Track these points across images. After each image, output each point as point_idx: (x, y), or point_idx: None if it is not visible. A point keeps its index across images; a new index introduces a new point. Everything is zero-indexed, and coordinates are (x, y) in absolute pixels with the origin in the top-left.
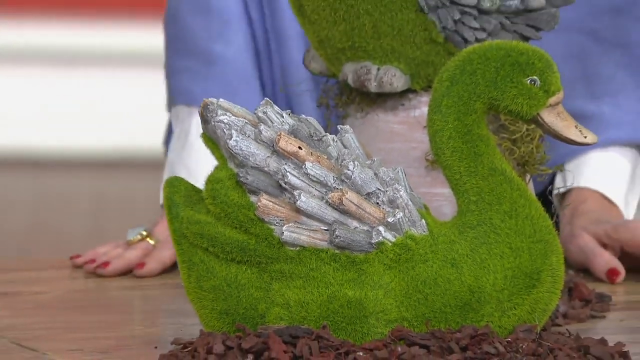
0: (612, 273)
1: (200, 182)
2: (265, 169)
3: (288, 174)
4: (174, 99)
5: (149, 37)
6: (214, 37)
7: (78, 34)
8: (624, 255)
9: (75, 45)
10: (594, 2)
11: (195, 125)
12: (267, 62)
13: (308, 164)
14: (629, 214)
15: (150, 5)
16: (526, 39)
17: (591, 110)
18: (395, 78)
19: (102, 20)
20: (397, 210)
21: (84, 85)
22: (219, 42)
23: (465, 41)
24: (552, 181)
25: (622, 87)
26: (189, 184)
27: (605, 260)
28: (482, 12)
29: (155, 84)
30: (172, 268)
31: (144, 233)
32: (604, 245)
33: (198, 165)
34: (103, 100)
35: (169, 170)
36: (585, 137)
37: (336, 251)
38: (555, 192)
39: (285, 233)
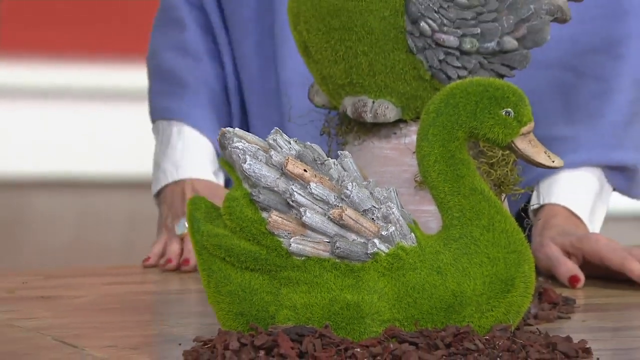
0: (573, 279)
1: (186, 173)
2: (275, 189)
3: (295, 193)
4: (154, 115)
5: None
6: (189, 69)
7: (109, 74)
8: (585, 264)
9: (106, 82)
10: (577, 43)
11: (175, 132)
12: (235, 97)
13: (312, 185)
14: (594, 227)
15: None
16: (501, 76)
17: (568, 134)
18: (388, 110)
19: (128, 62)
20: (390, 224)
21: (116, 119)
22: (194, 71)
23: (449, 78)
24: (528, 200)
25: (595, 114)
26: (209, 202)
27: (568, 268)
28: (464, 53)
29: None
30: (194, 274)
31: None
32: (569, 255)
33: (182, 159)
34: (134, 131)
35: (156, 170)
36: (553, 161)
37: (337, 260)
38: (531, 208)
39: (292, 245)
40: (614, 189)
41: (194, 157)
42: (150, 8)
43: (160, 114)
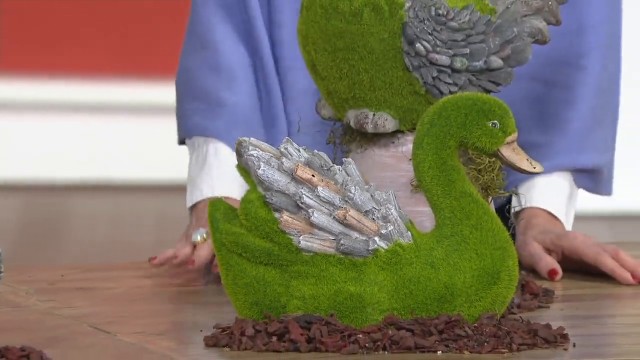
0: (552, 272)
1: (220, 192)
2: (286, 192)
3: (304, 196)
4: (189, 132)
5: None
6: (222, 88)
7: (136, 90)
8: (564, 259)
9: (135, 98)
10: (545, 56)
11: (212, 150)
12: (266, 106)
13: (319, 188)
14: (568, 225)
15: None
16: (488, 91)
17: (541, 141)
18: (387, 122)
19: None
20: (389, 224)
21: (147, 130)
22: (227, 91)
23: (442, 93)
24: (509, 201)
25: (563, 122)
26: (227, 204)
27: (547, 262)
28: (454, 70)
29: None
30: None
31: (205, 236)
32: (549, 251)
33: (218, 181)
34: (163, 141)
35: (192, 185)
36: (535, 167)
37: (341, 256)
38: (512, 210)
39: (301, 242)
40: (583, 189)
41: (228, 177)
42: (148, 28)
43: (197, 131)
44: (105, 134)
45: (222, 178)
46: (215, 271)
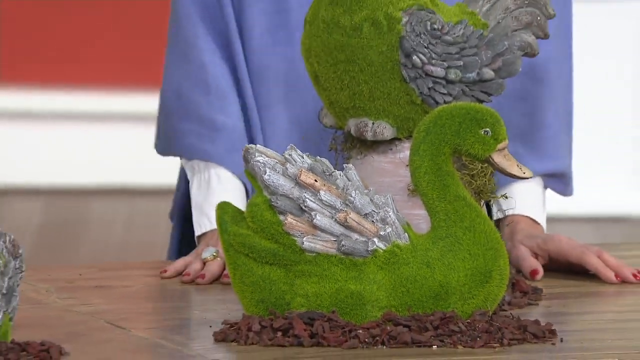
0: (533, 273)
1: None
2: (290, 196)
3: (307, 199)
4: (186, 153)
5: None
6: (215, 109)
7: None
8: (551, 261)
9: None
10: None
11: (215, 177)
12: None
13: (322, 192)
14: (545, 226)
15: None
16: (480, 101)
17: (511, 151)
18: (385, 130)
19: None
20: (387, 226)
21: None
22: (220, 114)
23: (437, 103)
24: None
25: (529, 131)
26: (235, 207)
27: (529, 263)
28: (449, 82)
29: None
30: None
31: (215, 253)
32: (536, 254)
33: None
34: None
35: (199, 212)
36: (524, 172)
37: (342, 256)
38: (495, 217)
39: (305, 243)
40: (553, 191)
41: (234, 204)
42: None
43: (197, 154)
44: (119, 142)
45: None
46: (226, 282)
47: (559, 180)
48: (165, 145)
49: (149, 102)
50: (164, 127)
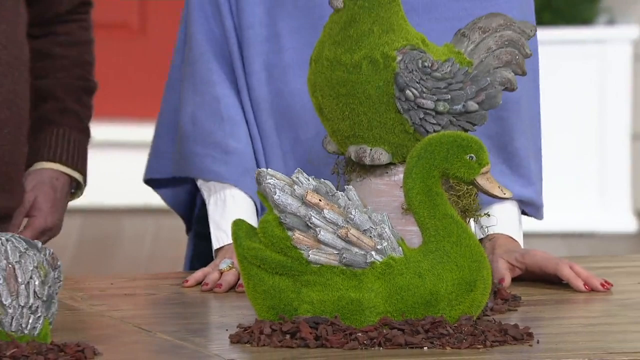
0: (500, 281)
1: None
2: (298, 214)
3: (312, 217)
4: (202, 174)
5: None
6: (227, 136)
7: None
8: (528, 272)
9: None
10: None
11: (230, 197)
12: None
13: (325, 211)
14: (522, 243)
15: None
16: (466, 130)
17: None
18: (381, 155)
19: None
20: (383, 240)
21: None
22: (232, 138)
23: (427, 132)
24: None
25: (509, 160)
26: (248, 224)
27: (498, 273)
28: (438, 113)
29: None
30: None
31: (231, 265)
32: (514, 267)
33: None
34: None
35: (217, 228)
36: (505, 193)
37: (344, 267)
38: (479, 236)
39: (310, 256)
40: (526, 214)
41: (247, 221)
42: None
43: (212, 175)
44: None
45: None
46: (240, 291)
47: (529, 206)
48: (180, 167)
49: None
50: (180, 151)
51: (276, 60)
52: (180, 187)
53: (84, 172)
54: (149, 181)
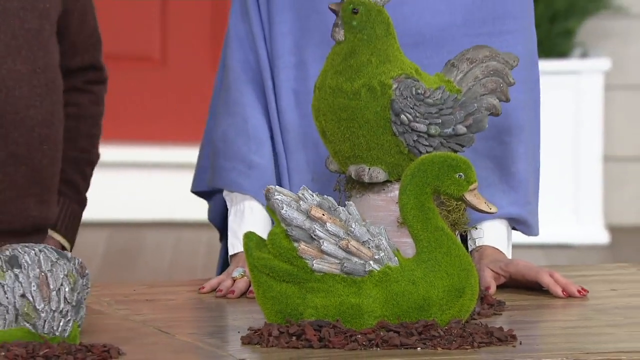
0: (486, 288)
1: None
2: (303, 227)
3: (316, 230)
4: (227, 186)
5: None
6: (253, 152)
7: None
8: (511, 280)
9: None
10: (487, 132)
11: (248, 209)
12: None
13: (328, 224)
14: (508, 254)
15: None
16: (455, 151)
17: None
18: (379, 174)
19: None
20: (381, 251)
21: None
22: (256, 155)
23: (420, 152)
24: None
25: (494, 182)
26: (258, 236)
27: (485, 281)
28: (430, 136)
29: None
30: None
31: (243, 273)
32: (499, 275)
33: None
34: None
35: (234, 236)
36: (490, 208)
37: (345, 275)
38: (469, 248)
39: (315, 265)
40: (518, 231)
41: (259, 229)
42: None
43: (235, 187)
44: (167, 185)
45: (258, 232)
46: (251, 296)
47: (521, 224)
48: (211, 179)
49: (188, 154)
50: (213, 165)
51: (302, 87)
52: (217, 198)
53: (72, 242)
54: (197, 192)
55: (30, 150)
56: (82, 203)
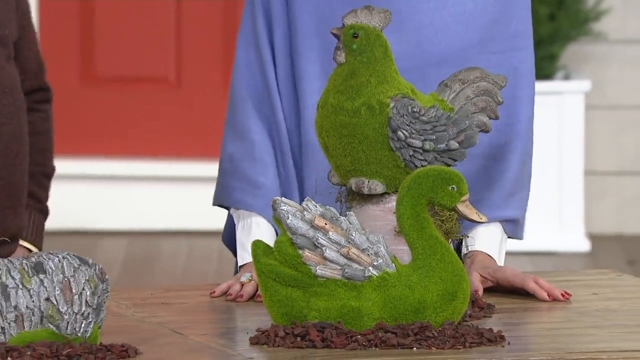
0: (475, 292)
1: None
2: (307, 235)
3: (319, 238)
4: (234, 204)
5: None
6: (259, 173)
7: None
8: (499, 285)
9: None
10: (490, 140)
11: (255, 224)
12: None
13: (330, 233)
14: (500, 261)
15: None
16: (448, 165)
17: (486, 197)
18: (377, 186)
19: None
20: (379, 258)
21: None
22: (262, 176)
23: (416, 166)
24: (459, 245)
25: (498, 187)
26: (265, 244)
27: (473, 285)
28: (425, 151)
29: None
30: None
31: (250, 278)
32: (486, 279)
33: None
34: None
35: (242, 248)
36: (481, 218)
37: (346, 280)
38: (463, 253)
39: (318, 271)
40: (508, 237)
41: (267, 242)
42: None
43: (242, 205)
44: (181, 196)
45: None
46: (259, 300)
47: (510, 225)
48: (220, 197)
49: (201, 169)
50: (221, 184)
51: None
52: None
53: (40, 248)
54: (219, 205)
55: (6, 165)
56: (45, 211)
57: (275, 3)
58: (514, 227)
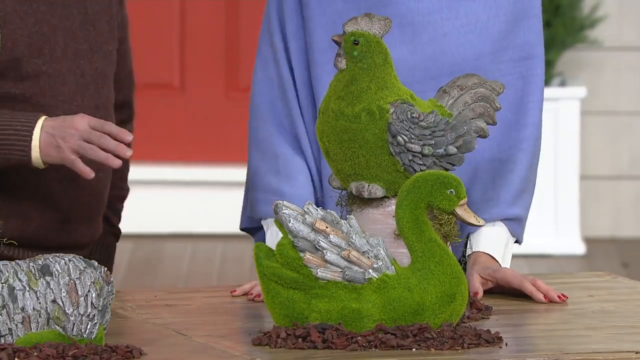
0: (474, 294)
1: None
2: (308, 238)
3: (320, 241)
4: (262, 215)
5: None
6: (283, 183)
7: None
8: (498, 286)
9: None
10: (498, 143)
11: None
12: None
13: (331, 236)
14: (505, 263)
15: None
16: (447, 170)
17: (492, 197)
18: (377, 190)
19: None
20: (379, 260)
21: (217, 201)
22: (287, 185)
23: (415, 171)
24: (465, 247)
25: (505, 187)
26: (268, 247)
27: (474, 287)
28: (424, 155)
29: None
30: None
31: None
32: (487, 281)
33: None
34: (227, 206)
35: None
36: (479, 222)
37: (346, 283)
38: (466, 254)
39: (319, 273)
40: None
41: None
42: (228, 121)
43: (269, 215)
44: (185, 200)
45: None
46: (257, 300)
47: (514, 224)
48: (250, 210)
49: (205, 173)
50: (250, 198)
51: None
52: (260, 234)
53: (110, 270)
54: (244, 229)
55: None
56: (117, 234)
57: (291, 18)
58: (517, 227)
